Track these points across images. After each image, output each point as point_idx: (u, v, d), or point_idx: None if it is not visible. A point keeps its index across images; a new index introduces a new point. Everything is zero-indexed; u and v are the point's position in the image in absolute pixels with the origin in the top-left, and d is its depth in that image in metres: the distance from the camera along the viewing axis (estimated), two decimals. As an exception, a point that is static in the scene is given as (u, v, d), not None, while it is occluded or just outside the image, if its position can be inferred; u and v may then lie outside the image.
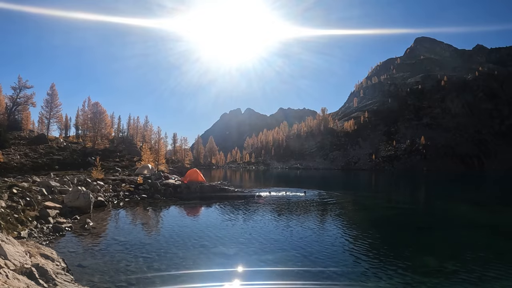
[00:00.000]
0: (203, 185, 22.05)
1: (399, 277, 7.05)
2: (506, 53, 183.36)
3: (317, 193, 24.34)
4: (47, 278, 4.95)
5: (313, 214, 15.80)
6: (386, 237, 11.55)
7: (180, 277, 6.84)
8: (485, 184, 47.48)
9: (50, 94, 45.89)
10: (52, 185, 15.07)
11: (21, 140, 36.38)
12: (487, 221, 14.99)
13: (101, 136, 43.77)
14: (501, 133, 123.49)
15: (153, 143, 51.20)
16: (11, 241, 5.96)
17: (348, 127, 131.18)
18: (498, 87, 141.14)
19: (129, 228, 11.81)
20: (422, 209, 20.09)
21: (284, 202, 19.12)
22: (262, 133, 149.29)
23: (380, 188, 38.46)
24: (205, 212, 16.20)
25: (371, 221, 14.97)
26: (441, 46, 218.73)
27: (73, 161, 32.75)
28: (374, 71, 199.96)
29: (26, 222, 9.95)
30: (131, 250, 8.56)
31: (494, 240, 11.22)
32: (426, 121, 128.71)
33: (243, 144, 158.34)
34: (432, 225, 13.78)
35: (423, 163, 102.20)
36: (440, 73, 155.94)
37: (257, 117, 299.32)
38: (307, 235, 10.81)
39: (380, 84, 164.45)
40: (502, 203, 23.11)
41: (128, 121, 63.38)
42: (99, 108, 45.30)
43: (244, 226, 12.38)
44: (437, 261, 8.19)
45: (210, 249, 9.10)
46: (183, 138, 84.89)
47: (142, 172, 25.03)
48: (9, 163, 27.42)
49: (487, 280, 7.00)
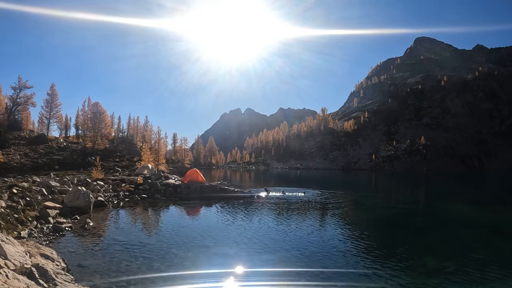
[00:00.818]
0: (203, 185, 22.05)
1: (399, 277, 7.05)
2: (506, 53, 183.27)
3: (317, 193, 24.34)
4: (47, 278, 4.95)
5: (313, 214, 15.80)
6: (386, 237, 11.55)
7: (180, 277, 6.84)
8: (485, 184, 47.47)
9: (50, 94, 45.90)
10: (52, 185, 15.06)
11: (21, 140, 36.38)
12: (487, 221, 14.99)
13: (101, 136, 43.75)
14: (501, 133, 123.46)
15: (153, 143, 51.18)
16: (11, 241, 5.95)
17: (348, 127, 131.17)
18: (498, 87, 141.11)
19: (129, 228, 11.81)
20: (422, 209, 20.09)
21: (284, 202, 19.12)
22: (262, 133, 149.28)
23: (380, 188, 38.45)
24: (205, 212, 16.20)
25: (371, 221, 14.97)
26: (441, 46, 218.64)
27: (73, 161, 32.74)
28: (374, 71, 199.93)
29: (26, 222, 9.95)
30: (131, 250, 8.56)
31: (494, 240, 11.22)
32: (426, 121, 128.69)
33: (243, 144, 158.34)
34: (432, 225, 13.78)
35: (423, 163, 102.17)
36: (440, 73, 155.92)
37: (257, 117, 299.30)
38: (307, 235, 10.80)
39: (380, 84, 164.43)
40: (502, 203, 23.12)
41: (128, 121, 63.40)
42: (99, 108, 45.30)
43: (244, 226, 12.38)
44: (437, 261, 8.19)
45: (210, 249, 9.11)
46: (183, 138, 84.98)
47: (142, 172, 25.03)
48: (9, 163, 27.41)
49: (487, 280, 7.00)
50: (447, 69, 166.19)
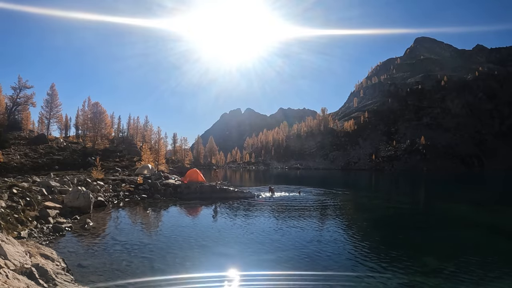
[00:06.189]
0: (203, 185, 22.04)
1: (399, 277, 7.05)
2: (506, 53, 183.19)
3: (316, 193, 24.34)
4: (47, 278, 4.94)
5: (313, 214, 15.79)
6: (386, 237, 11.55)
7: (181, 277, 6.83)
8: (485, 184, 47.46)
9: (50, 94, 45.96)
10: (52, 185, 15.06)
11: (21, 140, 36.37)
12: (487, 221, 14.98)
13: (101, 136, 43.77)
14: (501, 133, 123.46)
15: (153, 143, 51.23)
16: (11, 241, 5.95)
17: (348, 127, 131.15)
18: (498, 87, 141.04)
19: (129, 228, 11.80)
20: (422, 209, 20.09)
21: (284, 202, 19.12)
22: (262, 133, 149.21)
23: (380, 188, 38.43)
24: (205, 212, 16.20)
25: (371, 221, 14.96)
26: (441, 46, 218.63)
27: (73, 161, 32.74)
28: (374, 71, 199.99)
29: (26, 222, 9.95)
30: (131, 250, 8.55)
31: (494, 240, 11.23)
32: (426, 121, 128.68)
33: (243, 144, 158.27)
34: (432, 225, 13.78)
35: (423, 163, 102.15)
36: (440, 73, 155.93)
37: (257, 117, 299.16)
38: (307, 235, 10.80)
39: (380, 84, 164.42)
40: (502, 203, 23.10)
41: (128, 121, 63.48)
42: (99, 108, 45.33)
43: (244, 226, 12.37)
44: (437, 261, 8.19)
45: (210, 249, 9.11)
46: (183, 138, 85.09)
47: (142, 172, 25.03)
48: (9, 163, 27.42)
49: (487, 280, 7.00)
50: (447, 69, 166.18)
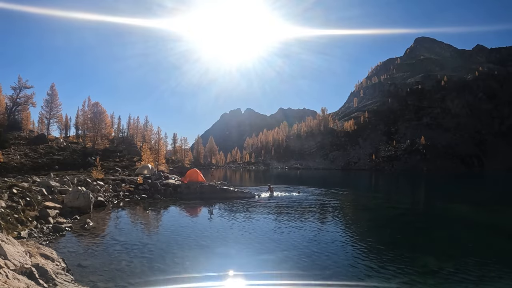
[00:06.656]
0: (203, 185, 22.05)
1: (399, 277, 7.05)
2: (506, 53, 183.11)
3: (316, 193, 24.34)
4: (47, 278, 4.95)
5: (313, 214, 15.79)
6: (386, 237, 11.55)
7: (181, 277, 6.84)
8: (485, 184, 47.47)
9: (50, 94, 45.95)
10: (52, 185, 15.06)
11: (21, 140, 36.37)
12: (487, 221, 14.98)
13: (101, 136, 43.74)
14: (501, 133, 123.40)
15: (153, 143, 51.24)
16: (11, 241, 5.96)
17: (348, 127, 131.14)
18: (498, 87, 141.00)
19: (129, 228, 11.81)
20: (422, 209, 20.10)
21: (284, 202, 19.12)
22: (262, 133, 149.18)
23: (380, 188, 38.44)
24: (205, 212, 16.20)
25: (371, 221, 14.96)
26: (441, 46, 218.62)
27: (73, 161, 32.74)
28: (374, 71, 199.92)
29: (26, 222, 9.95)
30: (131, 250, 8.56)
31: (494, 240, 11.23)
32: (426, 121, 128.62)
33: (243, 144, 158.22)
34: (432, 225, 13.79)
35: (423, 163, 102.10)
36: (440, 73, 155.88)
37: (257, 117, 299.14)
38: (307, 235, 10.80)
39: (380, 84, 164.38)
40: (502, 203, 23.11)
41: (128, 121, 63.42)
42: (99, 108, 45.31)
43: (244, 226, 12.38)
44: (437, 261, 8.19)
45: (210, 249, 9.12)
46: (183, 138, 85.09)
47: (142, 172, 25.02)
48: (9, 163, 27.42)
49: (487, 280, 7.00)
50: (447, 69, 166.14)
